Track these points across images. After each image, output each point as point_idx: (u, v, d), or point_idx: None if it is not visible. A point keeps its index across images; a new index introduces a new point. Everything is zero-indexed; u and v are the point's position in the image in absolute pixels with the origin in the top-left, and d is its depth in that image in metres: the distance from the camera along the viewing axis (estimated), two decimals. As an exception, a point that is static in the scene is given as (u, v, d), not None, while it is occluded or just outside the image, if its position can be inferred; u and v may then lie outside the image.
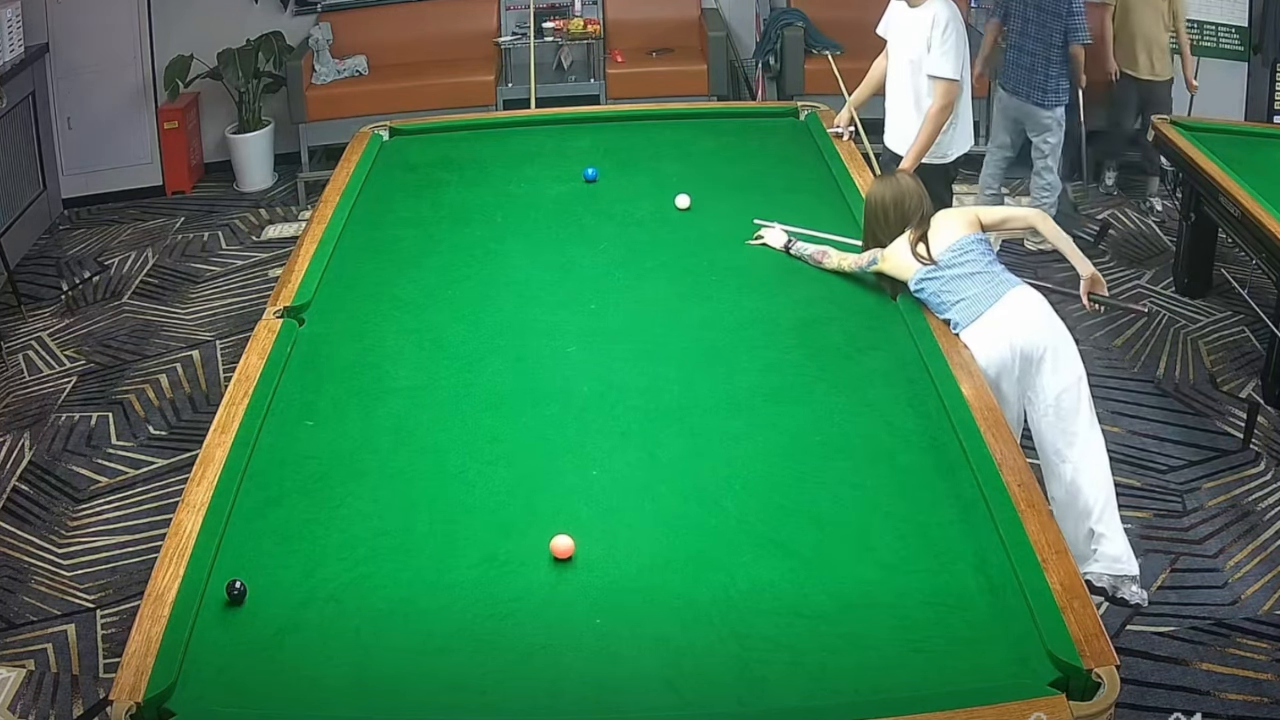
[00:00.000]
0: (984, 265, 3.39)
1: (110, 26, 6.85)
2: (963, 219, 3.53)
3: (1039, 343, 3.30)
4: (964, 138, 4.67)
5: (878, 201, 3.56)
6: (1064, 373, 3.33)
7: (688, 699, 2.15)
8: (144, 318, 5.66)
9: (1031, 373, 3.34)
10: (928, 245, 3.44)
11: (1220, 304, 5.34)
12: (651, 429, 2.92)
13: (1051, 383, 3.32)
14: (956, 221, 3.51)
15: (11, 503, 4.30)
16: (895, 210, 3.51)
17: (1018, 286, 3.37)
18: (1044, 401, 3.34)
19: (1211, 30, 6.58)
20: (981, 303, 3.31)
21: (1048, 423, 3.36)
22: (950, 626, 2.28)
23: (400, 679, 2.21)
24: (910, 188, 3.55)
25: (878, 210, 3.55)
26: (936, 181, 4.47)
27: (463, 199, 4.31)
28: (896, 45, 4.59)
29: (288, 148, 7.18)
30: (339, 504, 2.68)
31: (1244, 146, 5.14)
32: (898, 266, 3.49)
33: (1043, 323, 3.33)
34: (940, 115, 4.43)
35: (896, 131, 4.65)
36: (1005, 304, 3.31)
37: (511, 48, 7.15)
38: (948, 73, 4.39)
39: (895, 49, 4.60)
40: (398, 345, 3.36)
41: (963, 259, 3.39)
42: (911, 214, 3.50)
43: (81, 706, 3.39)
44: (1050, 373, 3.32)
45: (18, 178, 6.36)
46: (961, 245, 3.42)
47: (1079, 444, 3.34)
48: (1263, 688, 3.29)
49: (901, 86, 4.58)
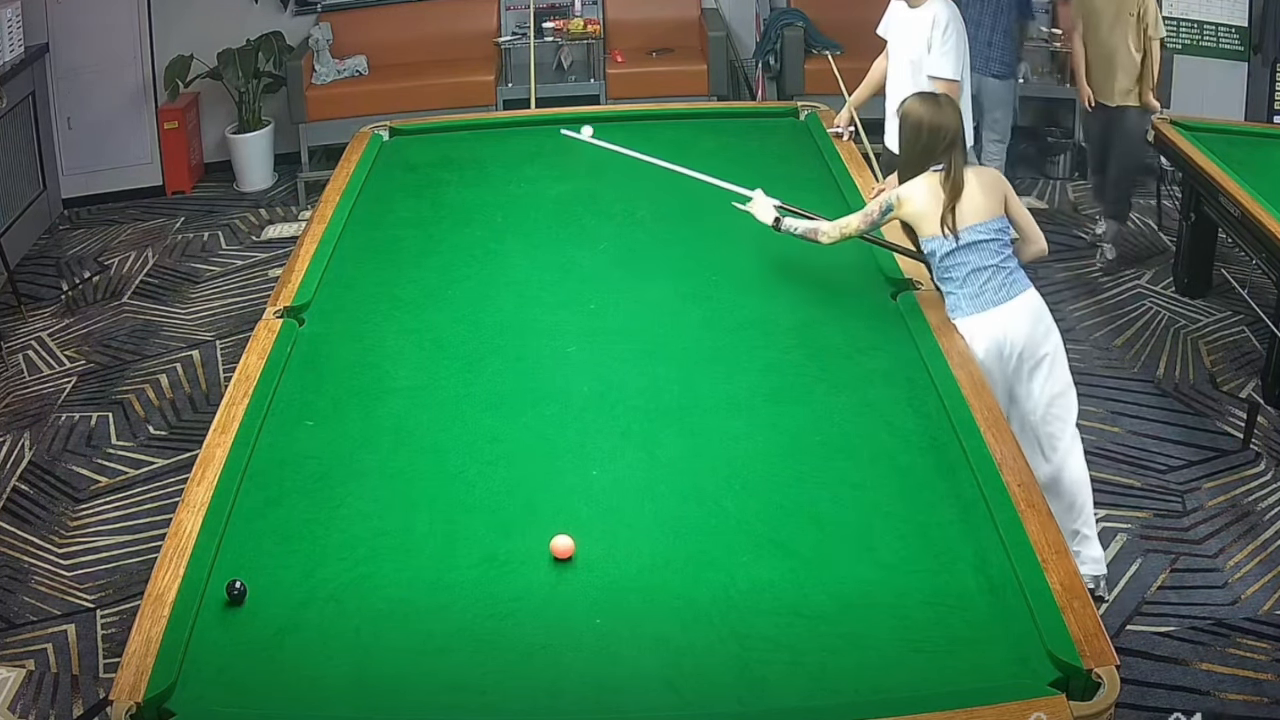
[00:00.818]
0: (1001, 260, 3.30)
1: (110, 26, 6.85)
2: (995, 194, 3.33)
3: (1039, 349, 3.33)
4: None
5: (915, 119, 3.36)
6: (1058, 379, 3.37)
7: (688, 699, 2.15)
8: (144, 318, 5.66)
9: (1024, 375, 3.36)
10: (955, 216, 3.26)
11: (1220, 304, 5.34)
12: (651, 429, 2.92)
13: (1046, 388, 3.36)
14: (990, 195, 3.31)
15: (11, 503, 4.30)
16: (927, 136, 3.31)
17: (1028, 291, 3.34)
18: (1035, 403, 3.38)
19: (1211, 30, 6.58)
20: (990, 299, 3.28)
21: (1033, 423, 3.39)
22: (950, 626, 2.28)
23: (400, 679, 2.21)
24: (949, 122, 3.32)
25: (909, 129, 3.37)
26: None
27: (463, 199, 4.31)
28: (896, 45, 4.59)
29: (288, 148, 7.18)
30: (339, 504, 2.68)
31: (1244, 146, 5.13)
32: (915, 213, 3.32)
33: (1044, 330, 3.34)
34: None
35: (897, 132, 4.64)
36: (1014, 306, 3.29)
37: (511, 48, 7.16)
38: (948, 73, 4.39)
39: (895, 49, 4.61)
40: (398, 345, 3.36)
41: (984, 245, 3.28)
42: (939, 151, 3.30)
43: (81, 706, 3.39)
44: (1045, 378, 3.35)
45: (18, 178, 6.36)
46: (987, 228, 3.29)
47: (1061, 448, 3.41)
48: (1263, 688, 3.29)
49: (901, 87, 4.57)
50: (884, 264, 3.63)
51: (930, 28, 4.39)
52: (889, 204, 3.36)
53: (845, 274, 3.65)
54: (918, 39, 4.44)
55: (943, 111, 3.35)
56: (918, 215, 3.33)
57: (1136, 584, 3.67)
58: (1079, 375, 4.75)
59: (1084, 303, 5.39)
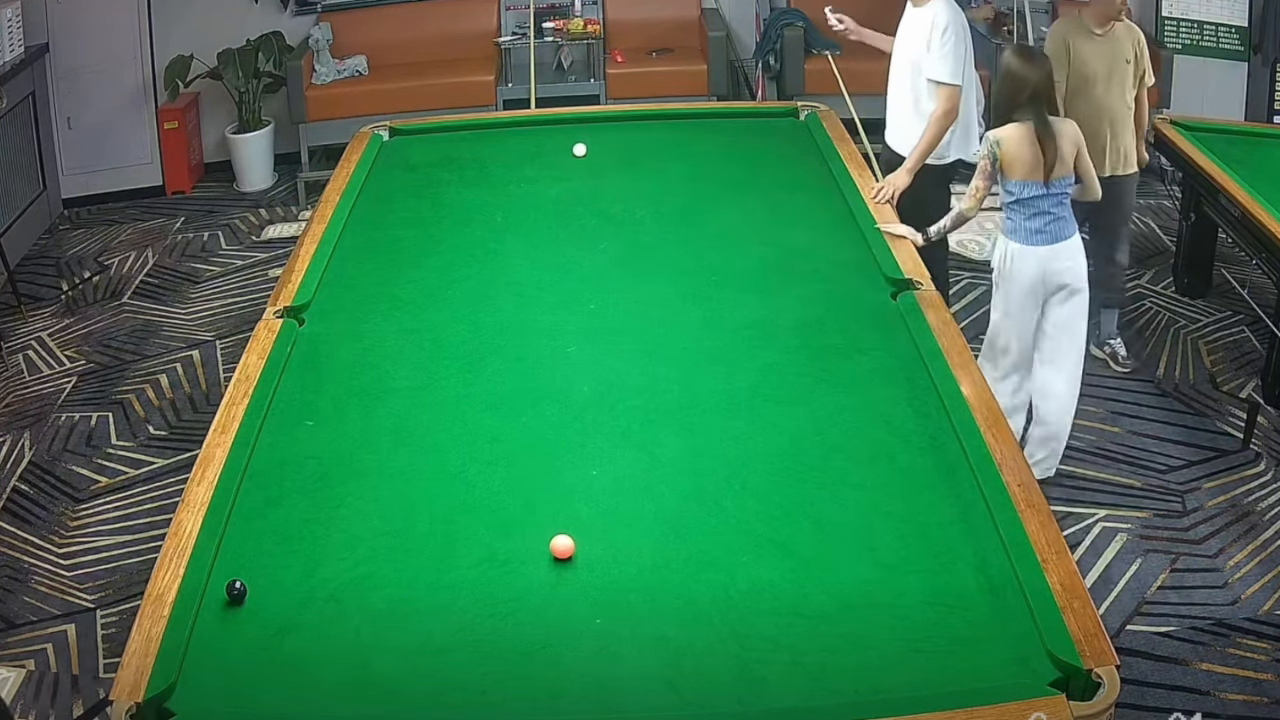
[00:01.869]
0: (1064, 206, 3.82)
1: (110, 26, 6.85)
2: (1074, 148, 3.78)
3: (1068, 283, 3.87)
4: (965, 141, 4.54)
5: (1003, 68, 3.78)
6: (1080, 306, 3.91)
7: (688, 699, 2.15)
8: (144, 318, 5.66)
9: (1057, 300, 3.90)
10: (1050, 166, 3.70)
11: (1220, 304, 5.34)
12: (651, 429, 2.92)
13: (1068, 309, 3.90)
14: (1070, 150, 3.76)
15: (11, 503, 4.30)
16: (1008, 86, 3.74)
17: (1075, 235, 3.87)
18: (1058, 317, 3.92)
19: (1211, 30, 6.58)
20: (1048, 237, 3.80)
21: (1050, 332, 3.94)
22: (950, 626, 2.28)
23: (400, 679, 2.21)
24: (1030, 76, 3.71)
25: (999, 77, 3.81)
26: (934, 183, 4.45)
27: (463, 199, 4.31)
28: (900, 44, 4.54)
29: (288, 148, 7.18)
30: (339, 504, 2.68)
31: (1244, 146, 5.13)
32: (1009, 156, 3.73)
33: (1080, 267, 3.90)
34: (943, 120, 4.32)
35: (897, 131, 4.61)
36: (1064, 246, 3.83)
37: (511, 48, 7.15)
38: (944, 76, 4.28)
39: (898, 48, 4.56)
40: (398, 345, 3.36)
41: (1059, 195, 3.78)
42: (1021, 102, 3.71)
43: (81, 706, 3.39)
44: (1072, 304, 3.90)
45: (18, 178, 6.36)
46: (1066, 183, 3.78)
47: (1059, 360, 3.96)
48: (1263, 688, 3.29)
49: (902, 86, 4.55)
50: (884, 264, 3.62)
51: (930, 28, 4.31)
52: (992, 150, 3.74)
53: (845, 274, 3.65)
54: (918, 39, 4.39)
55: (1028, 65, 3.74)
56: (1010, 159, 3.74)
57: (1136, 584, 3.67)
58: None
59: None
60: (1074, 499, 4.07)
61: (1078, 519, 3.97)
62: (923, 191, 4.31)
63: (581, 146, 4.45)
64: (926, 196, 4.33)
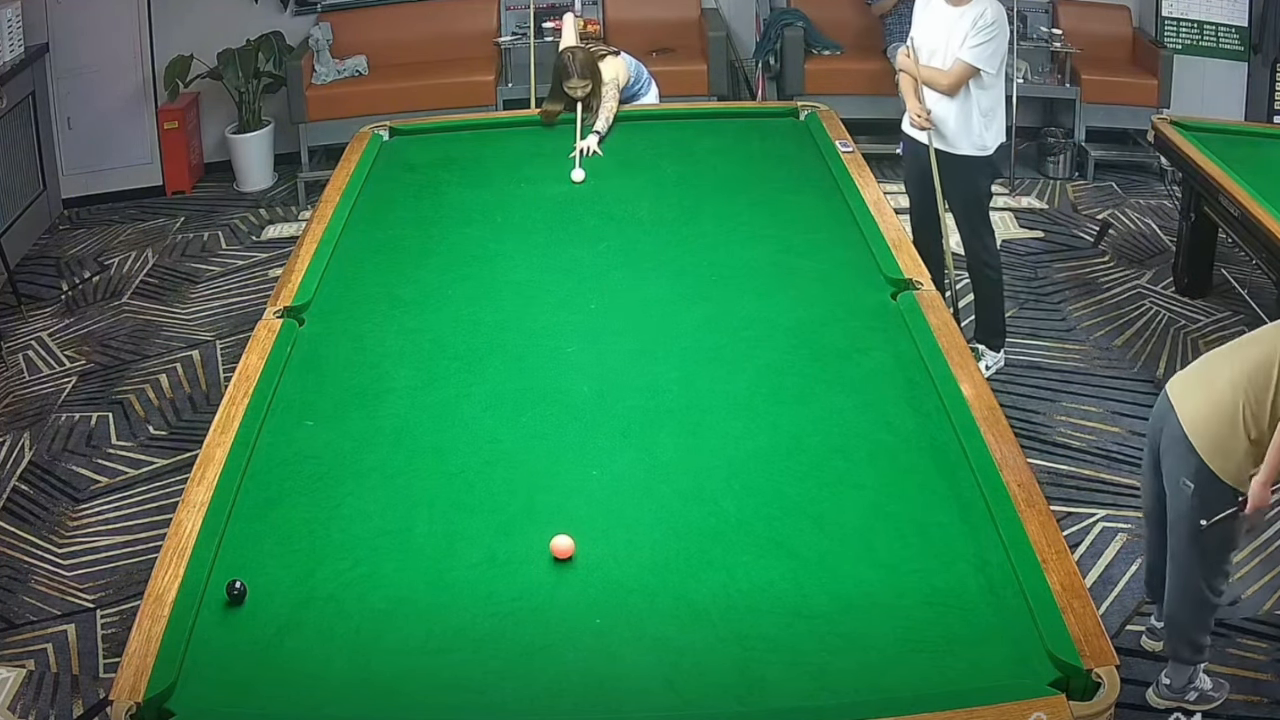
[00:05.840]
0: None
1: (110, 26, 6.84)
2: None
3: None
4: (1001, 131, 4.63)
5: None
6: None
7: (688, 699, 2.15)
8: (144, 318, 5.66)
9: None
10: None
11: (1220, 304, 5.34)
12: (651, 429, 2.92)
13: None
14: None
15: (11, 503, 4.30)
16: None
17: None
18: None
19: (1211, 30, 6.58)
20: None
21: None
22: (950, 626, 2.28)
23: (400, 679, 2.21)
24: None
25: None
26: (981, 173, 4.62)
27: (463, 199, 4.31)
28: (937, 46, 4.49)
29: (288, 148, 7.17)
30: (339, 504, 2.68)
31: (1244, 146, 5.13)
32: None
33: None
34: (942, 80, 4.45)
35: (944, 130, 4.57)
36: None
37: (511, 48, 7.14)
38: (974, 61, 4.36)
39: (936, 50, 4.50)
40: (398, 345, 3.36)
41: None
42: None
43: (81, 706, 3.39)
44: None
45: (18, 178, 6.36)
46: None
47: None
48: (1262, 688, 3.29)
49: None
50: (884, 264, 3.62)
51: (972, 24, 4.34)
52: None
53: (845, 274, 3.65)
54: (958, 37, 4.39)
55: None
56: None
57: (1136, 584, 3.67)
58: (1079, 375, 4.78)
59: (1084, 303, 5.38)
60: (1074, 499, 4.06)
61: (1078, 519, 3.97)
62: (974, 185, 4.62)
63: (580, 172, 4.38)
64: (979, 189, 4.65)
